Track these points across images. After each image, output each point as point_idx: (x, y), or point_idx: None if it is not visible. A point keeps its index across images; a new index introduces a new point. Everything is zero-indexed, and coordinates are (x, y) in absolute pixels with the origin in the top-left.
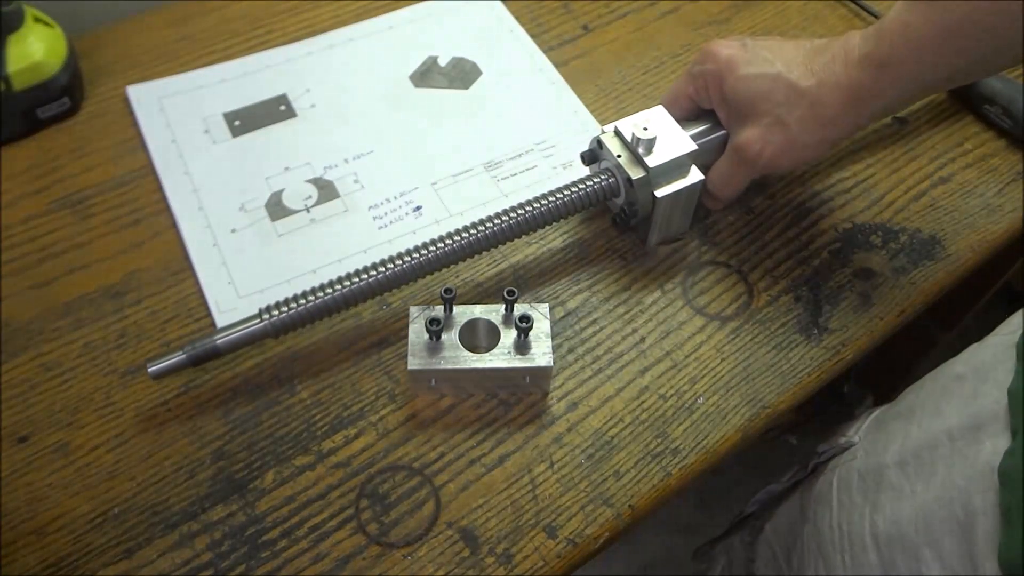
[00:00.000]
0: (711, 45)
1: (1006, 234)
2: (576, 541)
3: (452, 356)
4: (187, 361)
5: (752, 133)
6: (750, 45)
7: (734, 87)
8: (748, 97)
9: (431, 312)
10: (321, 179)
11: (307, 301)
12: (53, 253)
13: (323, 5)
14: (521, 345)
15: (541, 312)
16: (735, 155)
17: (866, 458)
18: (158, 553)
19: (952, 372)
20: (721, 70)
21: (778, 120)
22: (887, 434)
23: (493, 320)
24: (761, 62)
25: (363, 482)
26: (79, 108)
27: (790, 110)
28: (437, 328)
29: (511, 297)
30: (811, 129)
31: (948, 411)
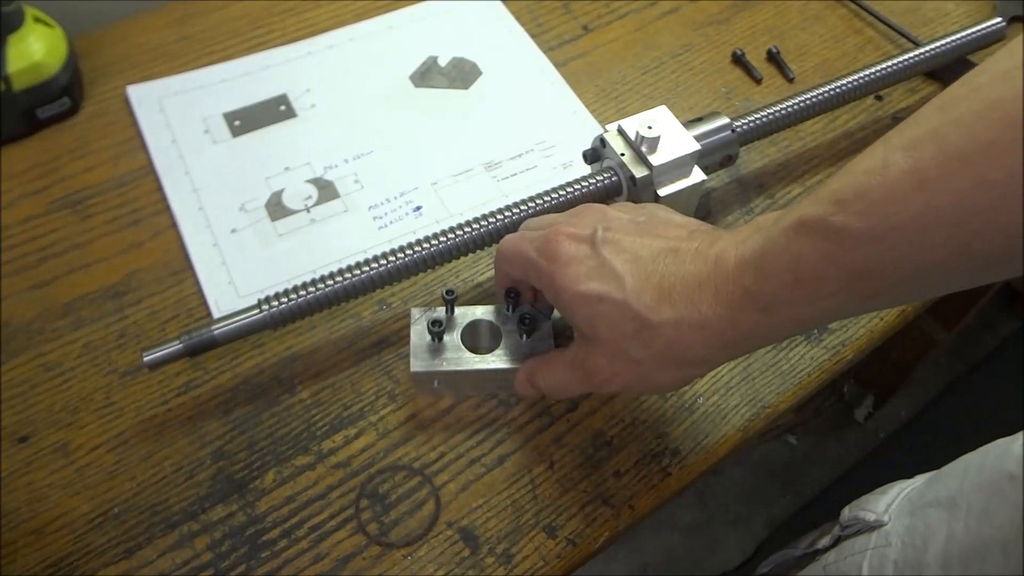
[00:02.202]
0: (554, 235)
1: None
2: (576, 541)
3: (454, 358)
4: (183, 351)
5: (599, 360)
6: (602, 242)
7: (570, 304)
8: (588, 320)
9: (433, 314)
10: (321, 179)
11: (307, 293)
12: (53, 253)
13: (323, 5)
14: (523, 345)
15: (543, 312)
16: (580, 371)
17: (903, 549)
18: (158, 553)
19: (1005, 468)
20: (555, 275)
21: (626, 355)
22: (926, 525)
23: (495, 321)
24: (607, 277)
25: (363, 482)
26: (79, 108)
27: (641, 347)
28: (439, 329)
29: (513, 298)
30: (667, 369)
31: (1000, 516)
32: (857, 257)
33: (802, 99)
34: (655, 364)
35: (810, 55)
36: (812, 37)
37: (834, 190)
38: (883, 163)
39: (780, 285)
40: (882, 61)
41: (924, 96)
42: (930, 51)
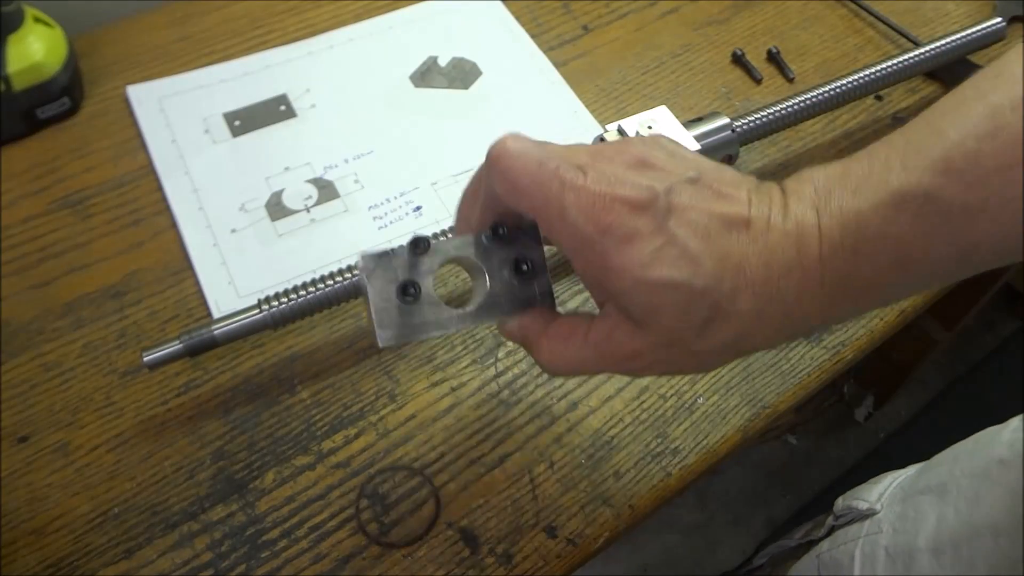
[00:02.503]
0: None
1: None
2: (576, 541)
3: (434, 320)
4: (183, 351)
5: (644, 347)
6: (667, 212)
7: (629, 290)
8: (649, 308)
9: (393, 260)
10: (321, 179)
11: (307, 292)
12: (53, 253)
13: (323, 5)
14: (518, 289)
15: (532, 237)
16: (608, 355)
17: (894, 536)
18: (158, 553)
19: (994, 454)
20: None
21: (684, 345)
22: (917, 511)
23: (475, 258)
24: (680, 260)
25: (363, 482)
26: (79, 108)
27: (707, 339)
28: (413, 296)
29: (501, 235)
30: (721, 357)
31: (990, 501)
32: (966, 233)
33: (802, 99)
34: (713, 354)
35: (810, 55)
36: (812, 37)
37: (938, 158)
38: (993, 125)
39: (878, 270)
40: (882, 61)
41: (924, 96)
42: (930, 51)
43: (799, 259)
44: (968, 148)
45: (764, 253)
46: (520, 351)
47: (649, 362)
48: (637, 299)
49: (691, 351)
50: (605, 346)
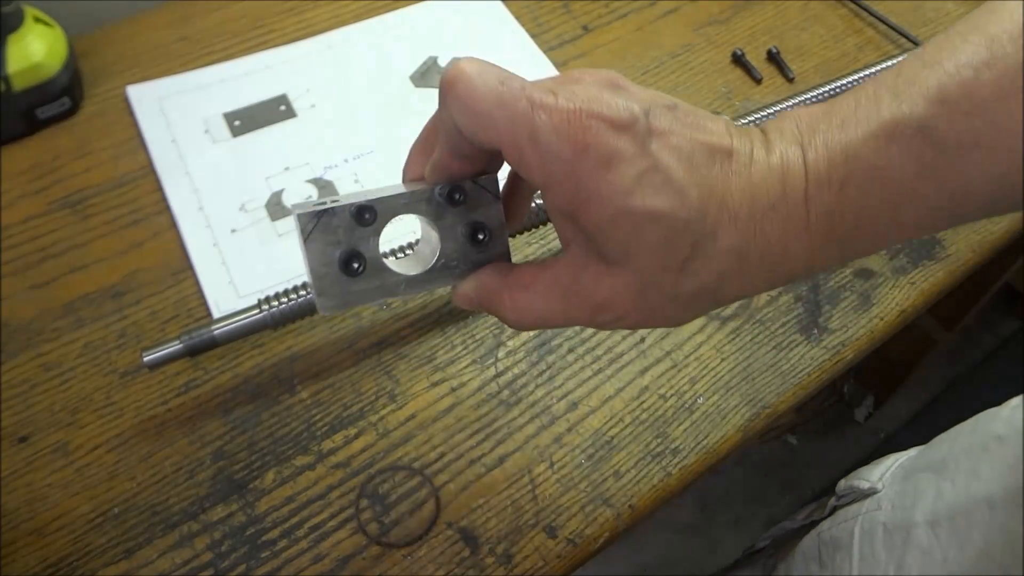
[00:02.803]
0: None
1: (1006, 234)
2: (576, 541)
3: (379, 285)
4: (183, 351)
5: (618, 292)
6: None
7: (608, 222)
8: (626, 243)
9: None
10: (321, 179)
11: (307, 293)
12: (53, 253)
13: (323, 5)
14: (472, 251)
15: (490, 191)
16: (578, 303)
17: (892, 511)
18: (158, 553)
19: (992, 430)
20: (586, 178)
21: (660, 289)
22: (916, 488)
23: (425, 216)
24: (666, 187)
25: (363, 482)
26: (79, 108)
27: (685, 280)
28: (359, 269)
29: (457, 200)
30: (697, 306)
31: (987, 474)
32: (960, 169)
33: (802, 99)
34: (690, 300)
35: (810, 55)
36: (812, 37)
37: (932, 87)
38: (990, 55)
39: (866, 208)
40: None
41: None
42: None
43: (784, 195)
44: (964, 77)
45: (748, 187)
46: (520, 351)
47: (621, 312)
48: (615, 233)
49: (667, 296)
50: (573, 293)
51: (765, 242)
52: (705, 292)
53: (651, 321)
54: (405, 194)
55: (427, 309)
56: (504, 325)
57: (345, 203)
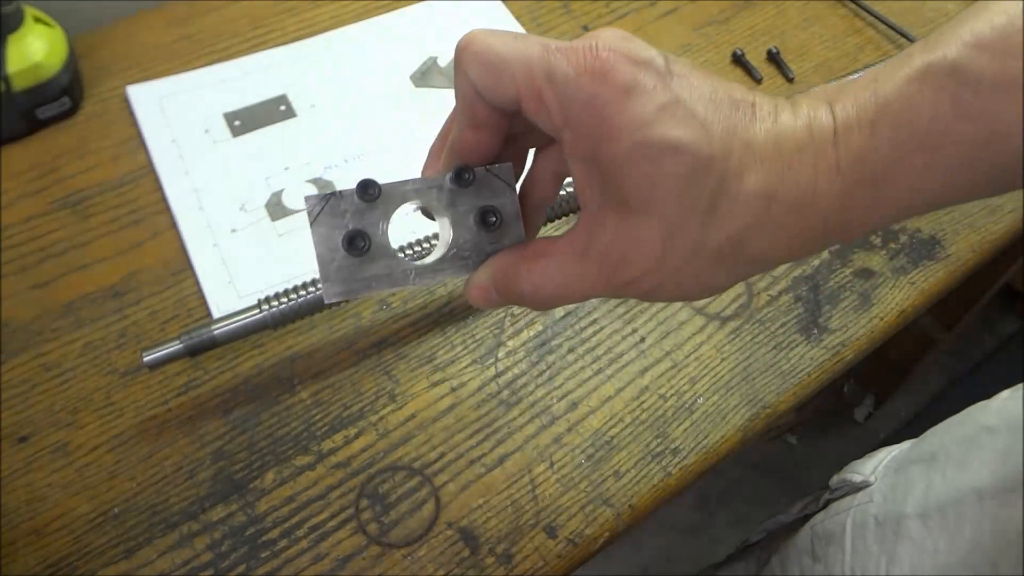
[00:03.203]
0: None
1: (1006, 234)
2: (576, 541)
3: (387, 274)
4: (184, 351)
5: (641, 244)
6: (669, 73)
7: (626, 155)
8: (646, 182)
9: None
10: (321, 179)
11: (307, 292)
12: (53, 253)
13: (323, 5)
14: (484, 240)
15: (504, 180)
16: (599, 264)
17: (884, 504)
18: (158, 553)
19: (982, 422)
20: (607, 106)
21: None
22: (907, 480)
23: (436, 204)
24: (687, 120)
25: (363, 482)
26: (79, 108)
27: (711, 228)
28: (363, 250)
29: (465, 181)
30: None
31: (977, 465)
32: (996, 109)
33: None
34: (714, 258)
35: (810, 55)
36: (812, 37)
37: (969, 31)
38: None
39: (897, 147)
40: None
41: None
42: None
43: (811, 139)
44: (998, 23)
45: (773, 133)
46: (520, 351)
47: (642, 268)
48: (636, 168)
49: (691, 248)
50: (591, 251)
51: (794, 184)
52: (732, 246)
53: (673, 284)
54: (416, 180)
55: (427, 309)
56: (504, 325)
57: (352, 186)
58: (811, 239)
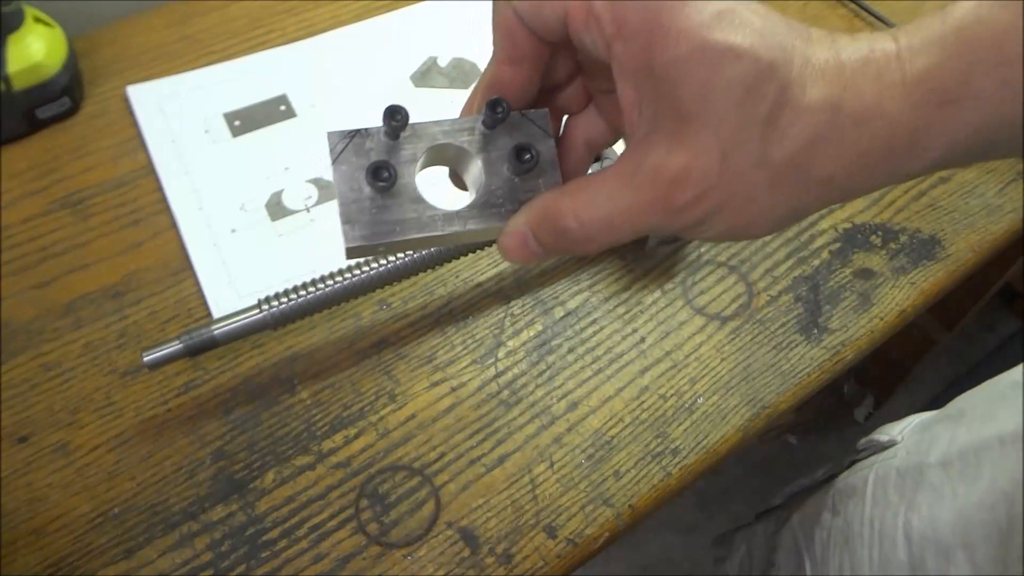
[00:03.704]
0: None
1: (1006, 234)
2: (576, 541)
3: (414, 218)
4: (184, 351)
5: (699, 156)
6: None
7: (683, 60)
8: (702, 90)
9: (366, 144)
10: (321, 179)
11: (307, 292)
12: (53, 253)
13: (323, 5)
14: (518, 187)
15: (540, 127)
16: (652, 185)
17: (907, 457)
18: (158, 553)
19: (1010, 379)
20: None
21: (744, 153)
22: (932, 435)
23: (465, 146)
24: (745, 26)
25: (363, 482)
26: (79, 108)
27: (771, 142)
28: (387, 181)
29: (499, 113)
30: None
31: (1002, 416)
32: None
33: None
34: (777, 177)
35: None
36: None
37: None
38: None
39: (969, 64)
40: None
41: None
42: None
43: (873, 58)
44: None
45: (832, 51)
46: (520, 351)
47: (701, 186)
48: (693, 75)
49: (753, 162)
50: (643, 175)
51: (858, 98)
52: (796, 164)
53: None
54: (447, 120)
55: (427, 309)
56: (504, 325)
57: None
58: (878, 160)
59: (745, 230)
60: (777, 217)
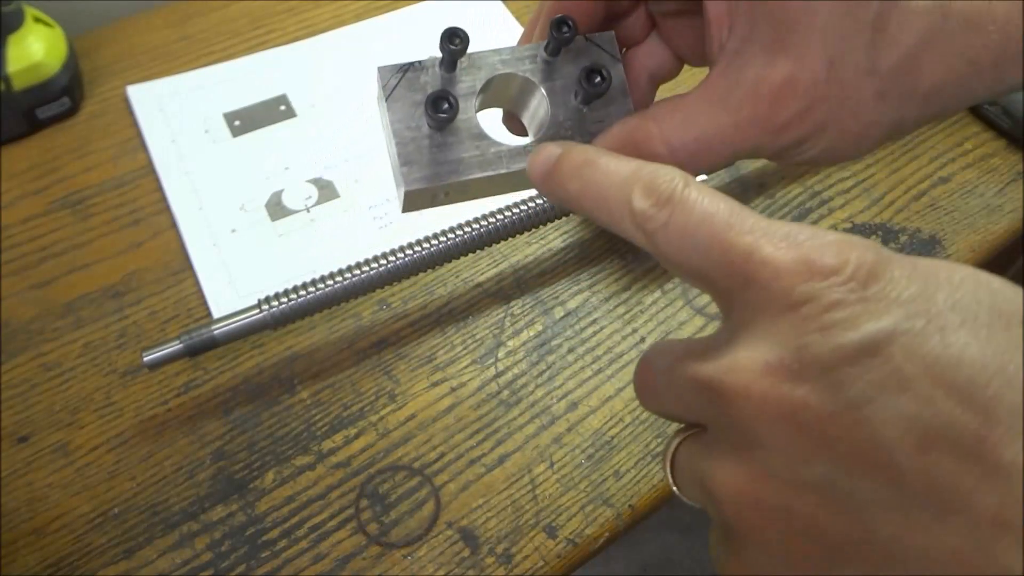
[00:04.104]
0: None
1: (1006, 234)
2: (576, 541)
3: (477, 156)
4: (184, 351)
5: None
6: None
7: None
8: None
9: (420, 78)
10: (321, 179)
11: (307, 292)
12: (53, 253)
13: (323, 5)
14: (587, 117)
15: (608, 51)
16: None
17: None
18: (158, 553)
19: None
20: None
21: (850, 61)
22: None
23: (528, 75)
24: None
25: (363, 482)
26: (79, 108)
27: (883, 43)
28: (448, 113)
29: (565, 33)
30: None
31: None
32: None
33: None
34: (885, 85)
35: None
36: None
37: None
38: None
39: None
40: None
41: None
42: None
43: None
44: None
45: None
46: (520, 351)
47: (808, 98)
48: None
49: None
50: (741, 91)
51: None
52: (904, 71)
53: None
54: (507, 48)
55: (427, 309)
56: (503, 325)
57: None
58: (986, 68)
59: (845, 150)
60: (879, 134)
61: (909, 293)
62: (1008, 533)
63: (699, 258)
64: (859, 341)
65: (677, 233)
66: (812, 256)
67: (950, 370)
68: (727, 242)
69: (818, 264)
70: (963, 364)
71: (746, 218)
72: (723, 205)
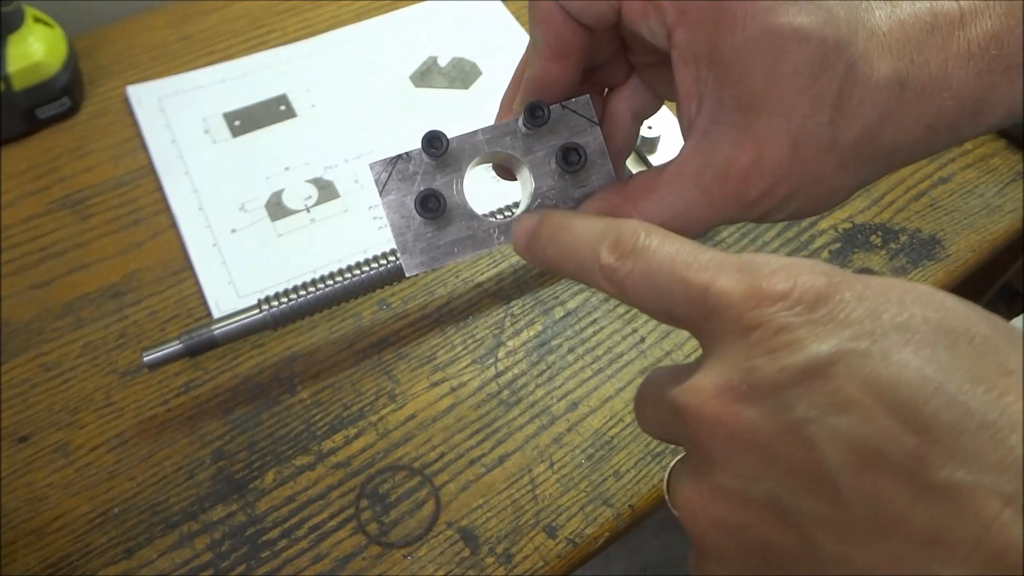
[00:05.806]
0: None
1: (1006, 234)
2: (576, 541)
3: (469, 236)
4: (184, 351)
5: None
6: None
7: (748, 46)
8: (768, 76)
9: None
10: (321, 179)
11: (307, 292)
12: (53, 253)
13: (323, 5)
14: (570, 184)
15: (584, 115)
16: (722, 181)
17: None
18: (158, 553)
19: None
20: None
21: (814, 137)
22: None
23: (511, 151)
24: (808, 8)
25: (363, 482)
26: (79, 108)
27: (840, 123)
28: (436, 211)
29: (539, 118)
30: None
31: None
32: None
33: None
34: (847, 156)
35: None
36: None
37: None
38: None
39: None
40: None
41: None
42: None
43: (936, 23)
44: None
45: (895, 16)
46: (520, 351)
47: (774, 176)
48: (759, 60)
49: (824, 146)
50: (711, 171)
51: (925, 68)
52: (865, 140)
53: (804, 194)
54: (486, 128)
55: (427, 309)
56: (503, 325)
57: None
58: (943, 129)
59: (816, 208)
60: (846, 194)
61: (856, 315)
62: (942, 551)
63: (664, 299)
64: (804, 363)
65: (642, 279)
66: (761, 283)
67: (890, 389)
68: (686, 280)
69: (766, 290)
70: (903, 383)
71: (702, 256)
72: (682, 247)
